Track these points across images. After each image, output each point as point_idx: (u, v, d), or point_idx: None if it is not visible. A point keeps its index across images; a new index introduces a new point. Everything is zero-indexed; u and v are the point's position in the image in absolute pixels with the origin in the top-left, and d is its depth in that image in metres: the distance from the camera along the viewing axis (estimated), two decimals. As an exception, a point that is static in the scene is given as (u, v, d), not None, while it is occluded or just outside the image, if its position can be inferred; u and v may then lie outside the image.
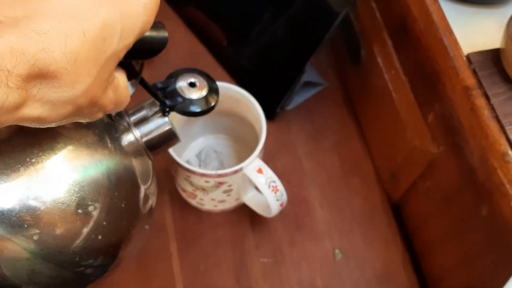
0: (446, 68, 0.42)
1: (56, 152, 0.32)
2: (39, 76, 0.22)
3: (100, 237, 0.33)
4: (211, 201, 0.53)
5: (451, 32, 0.42)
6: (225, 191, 0.51)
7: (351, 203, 0.57)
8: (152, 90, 0.37)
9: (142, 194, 0.37)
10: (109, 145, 0.35)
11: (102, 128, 0.36)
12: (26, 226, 0.30)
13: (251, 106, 0.51)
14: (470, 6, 0.46)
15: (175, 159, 0.48)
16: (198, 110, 0.40)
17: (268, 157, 0.59)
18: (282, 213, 0.53)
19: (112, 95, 0.28)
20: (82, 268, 0.33)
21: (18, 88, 0.22)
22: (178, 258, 0.54)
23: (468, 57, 0.41)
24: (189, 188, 0.52)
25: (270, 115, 0.61)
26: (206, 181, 0.49)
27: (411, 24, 0.46)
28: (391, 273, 0.54)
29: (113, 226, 0.34)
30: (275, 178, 0.48)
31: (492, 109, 0.38)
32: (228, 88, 0.52)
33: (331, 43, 0.68)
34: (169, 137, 0.39)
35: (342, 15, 0.52)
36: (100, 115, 0.29)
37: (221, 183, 0.49)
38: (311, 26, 0.56)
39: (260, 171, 0.48)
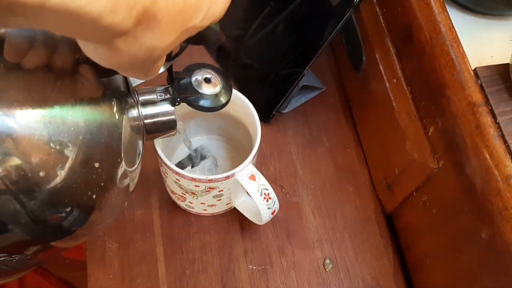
0: (452, 82, 0.40)
1: (63, 89, 0.31)
2: (148, 16, 0.24)
3: (74, 185, 0.31)
4: (200, 205, 0.51)
5: (458, 44, 0.41)
6: (215, 196, 0.49)
7: (344, 212, 0.56)
8: (173, 77, 0.38)
9: (121, 168, 0.35)
10: (113, 108, 0.34)
11: (115, 93, 0.35)
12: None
13: (246, 110, 0.50)
14: (480, 16, 0.44)
15: (164, 161, 0.46)
16: (208, 105, 0.41)
17: (261, 161, 0.58)
18: (273, 219, 0.51)
19: (156, 66, 0.30)
20: (53, 214, 0.32)
21: (135, 18, 0.24)
22: (164, 261, 0.52)
23: (475, 71, 0.39)
24: (178, 191, 0.50)
25: (265, 118, 0.59)
26: (196, 185, 0.47)
27: (417, 33, 0.45)
28: (381, 286, 0.53)
29: (86, 180, 0.32)
30: (267, 185, 0.47)
31: (499, 128, 0.37)
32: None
33: (331, 47, 0.66)
34: (169, 127, 0.40)
35: (345, 18, 0.50)
36: (141, 76, 0.30)
37: (211, 188, 0.47)
38: (313, 28, 0.54)
39: (252, 177, 0.47)
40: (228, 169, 0.55)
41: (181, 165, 0.55)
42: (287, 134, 0.60)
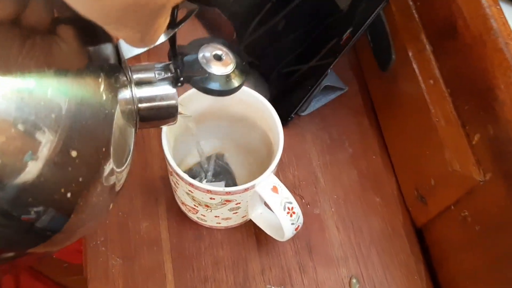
0: (507, 84, 0.35)
1: (35, 53, 0.24)
2: None
3: (42, 179, 0.25)
4: (214, 218, 0.46)
5: (514, 42, 0.36)
6: (231, 209, 0.44)
7: (371, 225, 0.51)
8: (176, 51, 0.32)
9: (106, 160, 0.29)
10: (99, 85, 0.28)
11: (103, 66, 0.28)
12: None
13: (265, 113, 0.45)
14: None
15: (176, 170, 0.41)
16: (218, 88, 0.34)
17: (279, 168, 0.53)
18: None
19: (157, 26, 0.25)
20: (23, 215, 0.25)
21: None
22: (173, 280, 0.47)
23: (535, 72, 0.35)
24: (190, 203, 0.45)
25: (283, 120, 0.54)
26: (211, 198, 0.42)
27: (461, 28, 0.40)
28: (412, 307, 0.48)
29: (61, 173, 0.26)
30: (291, 198, 0.42)
31: None
32: (242, 91, 0.45)
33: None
34: (169, 113, 0.33)
35: (377, 12, 0.45)
36: (136, 38, 0.25)
37: (228, 201, 0.42)
38: (338, 24, 0.49)
39: (275, 189, 0.42)
40: (243, 178, 0.50)
41: (192, 173, 0.50)
42: (306, 139, 0.55)
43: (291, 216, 0.42)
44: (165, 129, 0.42)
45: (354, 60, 0.60)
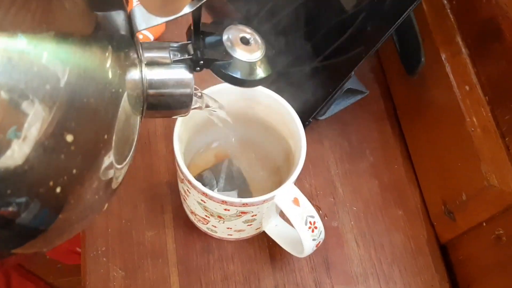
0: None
1: (33, 9, 0.20)
2: None
3: (26, 167, 0.20)
4: (226, 229, 0.43)
5: None
6: (246, 221, 0.41)
7: (392, 240, 0.47)
8: (199, 26, 0.27)
9: (107, 151, 0.24)
10: (106, 59, 0.23)
11: (112, 37, 0.24)
12: None
13: (286, 117, 0.41)
14: None
15: (189, 178, 0.37)
16: (241, 77, 0.29)
17: (295, 176, 0.49)
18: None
19: None
20: (1, 208, 0.21)
21: None
22: (179, 295, 0.44)
23: None
24: (201, 213, 0.41)
25: (300, 125, 0.50)
26: (226, 209, 0.38)
27: (507, 30, 0.36)
28: (436, 331, 0.44)
29: (52, 163, 0.21)
30: (314, 212, 0.38)
31: None
32: (257, 91, 0.41)
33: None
34: (181, 103, 0.29)
35: (408, 11, 0.41)
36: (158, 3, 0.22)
37: (244, 213, 0.39)
38: (364, 23, 0.45)
39: (296, 202, 0.38)
40: (256, 187, 0.46)
41: (202, 179, 0.46)
42: (324, 146, 0.51)
43: (312, 231, 0.38)
44: (177, 130, 0.38)
45: (375, 62, 0.56)
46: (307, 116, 0.49)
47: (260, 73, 0.30)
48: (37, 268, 1.16)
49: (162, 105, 0.28)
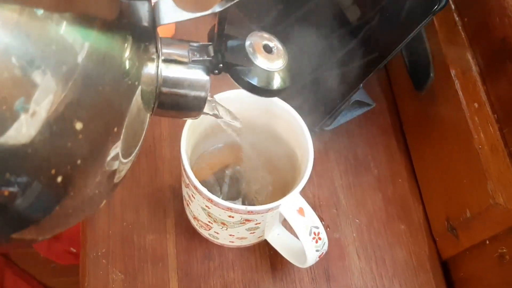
0: None
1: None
2: None
3: (30, 150, 0.19)
4: (228, 236, 0.42)
5: None
6: (249, 229, 0.40)
7: (394, 255, 0.47)
8: (223, 28, 0.26)
9: (115, 143, 0.23)
10: (125, 49, 0.22)
11: (134, 27, 0.23)
12: None
13: (295, 127, 0.41)
14: None
15: (196, 184, 0.37)
16: (258, 85, 0.29)
17: (299, 186, 0.49)
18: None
19: None
20: (5, 187, 0.20)
21: None
22: (178, 301, 0.43)
23: None
24: (204, 219, 0.41)
25: (306, 135, 0.50)
26: (230, 216, 0.38)
27: (519, 51, 0.36)
28: None
29: (57, 150, 0.20)
30: (318, 223, 0.38)
31: None
32: (267, 99, 0.41)
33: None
34: (194, 105, 0.28)
35: (420, 27, 0.42)
36: None
37: (248, 220, 0.39)
38: (376, 36, 0.45)
39: (301, 212, 0.38)
40: (260, 195, 0.46)
41: (204, 184, 0.46)
42: (329, 157, 0.51)
43: (316, 242, 0.38)
44: (185, 135, 0.38)
45: (384, 76, 0.56)
46: (314, 126, 0.49)
47: (279, 83, 0.30)
48: (31, 267, 1.15)
49: (174, 105, 0.28)
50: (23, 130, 0.18)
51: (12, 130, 0.18)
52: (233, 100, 0.39)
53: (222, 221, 0.39)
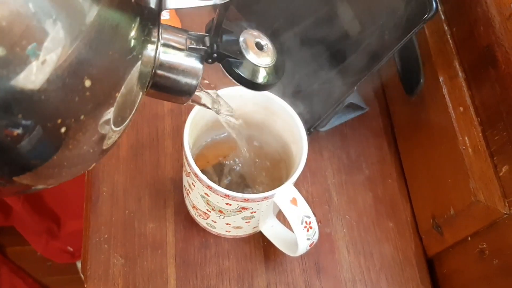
0: (547, 117, 0.34)
1: None
2: None
3: (43, 97, 0.21)
4: (225, 225, 0.45)
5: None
6: (245, 218, 0.43)
7: (382, 250, 0.50)
8: (222, 21, 0.28)
9: (111, 109, 0.25)
10: (132, 28, 0.24)
11: (142, 9, 0.25)
12: None
13: (291, 124, 0.44)
14: None
15: (196, 171, 0.39)
16: (248, 77, 0.32)
17: (293, 182, 0.51)
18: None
19: None
20: (8, 127, 0.21)
21: None
22: (175, 285, 0.46)
23: None
24: (203, 207, 0.43)
25: (302, 135, 0.53)
26: (228, 204, 0.40)
27: (502, 58, 0.39)
28: None
29: (66, 102, 0.22)
30: (310, 213, 0.40)
31: None
32: (266, 97, 0.44)
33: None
34: (183, 90, 0.30)
35: (411, 35, 0.44)
36: None
37: (244, 208, 0.41)
38: (369, 42, 0.48)
39: (294, 202, 0.40)
40: (258, 189, 0.48)
41: (205, 173, 0.48)
42: (323, 156, 0.54)
43: (307, 231, 0.40)
44: (188, 126, 0.41)
45: (377, 82, 0.59)
46: (309, 126, 0.52)
47: (266, 79, 0.33)
48: (27, 265, 1.17)
49: (166, 88, 0.30)
50: (35, 75, 0.20)
51: (25, 73, 0.20)
52: (234, 96, 0.42)
53: (219, 209, 0.42)
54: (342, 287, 0.47)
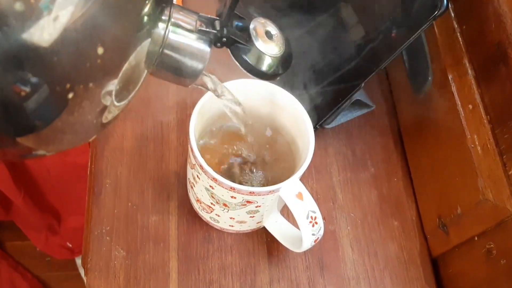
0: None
1: None
2: None
3: (56, 58, 0.20)
4: (229, 219, 0.44)
5: None
6: (249, 212, 0.42)
7: (386, 250, 0.49)
8: (233, 9, 0.28)
9: (115, 81, 0.25)
10: (146, 4, 0.25)
11: None
12: None
13: (297, 117, 0.43)
14: None
15: (201, 162, 0.39)
16: (253, 64, 0.31)
17: (298, 179, 0.51)
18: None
19: None
20: (16, 83, 0.21)
21: None
22: (176, 279, 0.45)
23: None
24: (207, 200, 0.43)
25: (307, 131, 0.52)
26: (233, 197, 0.40)
27: (512, 55, 0.38)
28: None
29: (76, 67, 0.22)
30: (315, 208, 0.40)
31: None
32: (273, 90, 0.43)
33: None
34: (189, 73, 0.30)
35: (419, 32, 0.44)
36: None
37: (249, 202, 0.41)
38: (378, 38, 0.48)
39: (299, 196, 0.40)
40: (262, 184, 0.48)
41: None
42: (328, 153, 0.53)
43: (313, 226, 0.40)
44: (194, 117, 0.40)
45: (384, 80, 0.58)
46: (315, 123, 0.51)
47: (273, 68, 0.32)
48: (26, 260, 1.16)
49: (172, 68, 0.30)
50: (47, 31, 0.20)
51: (37, 27, 0.20)
52: (240, 89, 0.41)
53: (224, 202, 0.41)
54: (345, 284, 0.47)
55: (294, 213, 0.39)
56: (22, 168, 0.92)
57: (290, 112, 0.44)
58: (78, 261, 1.17)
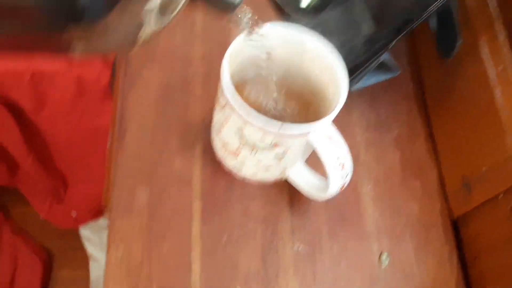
0: None
1: None
2: None
3: None
4: (253, 165, 0.44)
5: None
6: (276, 156, 0.42)
7: (407, 209, 0.49)
8: None
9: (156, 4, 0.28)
10: None
11: None
12: None
13: (327, 62, 0.43)
14: None
15: (236, 98, 0.39)
16: None
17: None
18: (327, 200, 0.45)
19: None
20: None
21: None
22: (200, 219, 0.45)
23: None
24: (235, 143, 0.43)
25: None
26: (262, 138, 0.40)
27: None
28: (438, 297, 0.46)
29: None
30: (346, 151, 0.40)
31: None
32: (306, 36, 0.43)
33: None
34: (227, 5, 0.34)
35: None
36: None
37: (277, 145, 0.41)
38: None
39: (330, 139, 0.40)
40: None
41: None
42: (352, 115, 0.54)
43: (342, 168, 0.40)
44: (228, 53, 0.40)
45: (410, 45, 0.59)
46: (342, 81, 0.52)
47: (311, 5, 0.33)
48: (29, 226, 1.16)
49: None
50: None
51: None
52: (270, 34, 0.41)
53: (253, 144, 0.41)
54: (365, 239, 0.47)
55: (323, 155, 0.39)
56: (35, 129, 0.92)
57: (320, 57, 0.43)
58: (82, 231, 1.17)
